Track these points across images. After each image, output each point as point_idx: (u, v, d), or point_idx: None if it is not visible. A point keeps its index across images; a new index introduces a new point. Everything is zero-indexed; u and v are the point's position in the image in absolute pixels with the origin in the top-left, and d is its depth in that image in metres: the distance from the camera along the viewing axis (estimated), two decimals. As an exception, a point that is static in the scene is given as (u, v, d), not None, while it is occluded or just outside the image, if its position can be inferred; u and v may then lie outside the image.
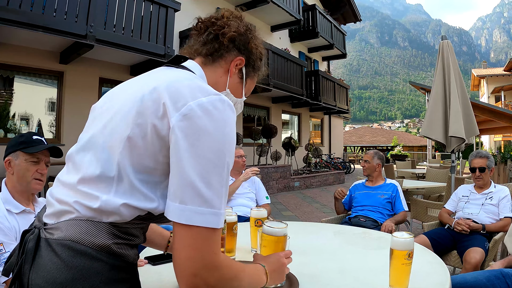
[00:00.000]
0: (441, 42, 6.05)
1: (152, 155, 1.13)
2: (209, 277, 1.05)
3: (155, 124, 1.11)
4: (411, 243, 1.58)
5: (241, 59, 1.44)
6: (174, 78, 1.19)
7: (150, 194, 1.17)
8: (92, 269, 1.09)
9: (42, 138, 2.36)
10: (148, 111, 1.12)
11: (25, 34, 7.87)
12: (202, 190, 1.04)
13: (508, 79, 44.89)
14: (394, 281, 1.59)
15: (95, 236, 1.12)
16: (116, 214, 1.14)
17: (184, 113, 1.07)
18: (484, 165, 4.18)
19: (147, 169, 1.15)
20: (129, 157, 1.13)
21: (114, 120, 1.20)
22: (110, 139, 1.17)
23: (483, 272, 2.40)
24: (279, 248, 1.65)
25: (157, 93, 1.14)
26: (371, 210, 4.43)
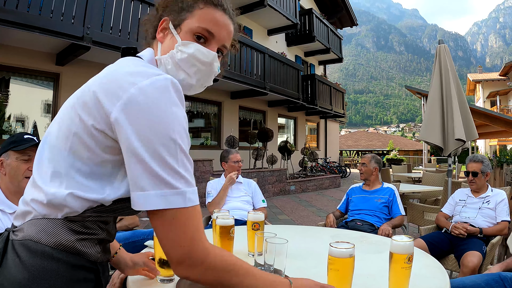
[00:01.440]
0: (438, 46, 6.06)
1: (95, 148, 1.11)
2: (196, 265, 1.05)
3: (93, 119, 1.09)
4: (411, 246, 1.57)
5: (164, 20, 1.33)
6: (112, 69, 1.17)
7: (96, 185, 1.14)
8: (50, 269, 1.08)
9: (34, 137, 2.31)
10: (85, 106, 1.11)
11: (22, 35, 7.84)
12: (157, 173, 1.02)
13: (503, 84, 45.11)
14: (394, 285, 1.57)
15: (52, 234, 1.11)
16: (65, 206, 1.11)
17: (125, 101, 1.04)
18: (477, 169, 4.18)
19: (91, 163, 1.12)
20: (74, 152, 1.12)
21: (62, 116, 1.20)
22: (58, 136, 1.17)
23: (482, 276, 2.39)
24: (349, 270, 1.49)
25: (93, 87, 1.12)
26: (368, 214, 4.41)
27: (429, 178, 9.07)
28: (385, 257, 1.65)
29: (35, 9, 7.59)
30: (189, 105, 14.44)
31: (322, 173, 20.03)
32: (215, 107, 15.74)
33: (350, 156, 48.94)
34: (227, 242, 2.03)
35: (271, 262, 1.66)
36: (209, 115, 15.65)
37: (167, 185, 1.02)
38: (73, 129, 1.11)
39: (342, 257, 1.45)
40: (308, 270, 1.95)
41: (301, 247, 2.45)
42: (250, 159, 15.33)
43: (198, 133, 15.63)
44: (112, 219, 1.27)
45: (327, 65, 27.01)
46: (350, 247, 1.47)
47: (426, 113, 5.85)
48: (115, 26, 9.21)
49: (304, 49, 22.84)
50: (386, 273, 1.64)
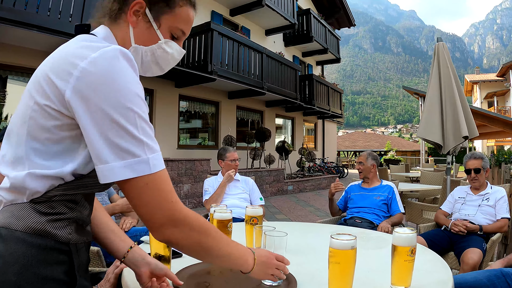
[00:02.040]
0: (436, 44, 6.03)
1: (52, 128, 1.10)
2: (177, 228, 1.11)
3: (48, 100, 1.08)
4: (413, 238, 1.53)
5: (139, 2, 1.26)
6: (62, 47, 1.16)
7: (57, 163, 1.13)
8: (21, 253, 1.06)
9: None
10: (40, 88, 1.10)
11: (19, 33, 7.79)
12: (118, 144, 1.03)
13: (500, 85, 45.24)
14: (397, 278, 1.54)
15: (20, 218, 1.10)
16: (26, 188, 1.10)
17: (77, 76, 1.03)
18: (479, 166, 4.16)
19: (50, 142, 1.11)
20: (32, 136, 1.11)
21: (20, 102, 1.20)
22: (17, 120, 1.16)
23: (483, 272, 2.36)
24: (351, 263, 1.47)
25: (45, 68, 1.12)
26: (367, 212, 4.38)
27: (427, 177, 9.05)
28: (386, 253, 1.63)
29: (32, 7, 7.56)
30: (186, 105, 14.41)
31: (319, 173, 20.00)
32: (213, 107, 15.70)
33: (348, 157, 48.95)
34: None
35: None
36: (206, 115, 15.61)
37: (130, 155, 1.04)
38: (29, 113, 1.11)
39: (344, 249, 1.42)
40: (308, 265, 1.92)
41: (301, 242, 2.42)
42: (247, 159, 15.29)
43: (196, 133, 15.58)
44: (82, 197, 1.24)
45: (324, 65, 26.97)
46: (352, 238, 1.44)
47: (424, 111, 5.82)
48: (112, 25, 9.16)
49: (302, 49, 22.82)
50: (387, 268, 1.61)
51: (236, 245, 1.33)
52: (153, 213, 1.08)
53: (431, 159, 31.54)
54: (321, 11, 25.28)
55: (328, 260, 1.46)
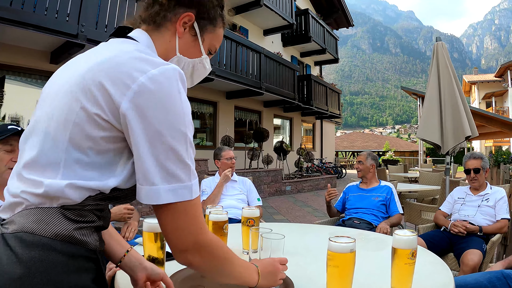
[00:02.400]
0: (435, 43, 6.00)
1: (97, 138, 1.06)
2: (200, 253, 1.11)
3: (99, 109, 1.04)
4: (414, 241, 1.49)
5: (189, 15, 1.27)
6: (114, 53, 1.10)
7: (96, 174, 1.09)
8: (49, 260, 1.01)
9: (18, 127, 2.19)
10: (90, 95, 1.04)
11: (16, 32, 7.74)
12: (168, 168, 1.03)
13: (499, 85, 45.32)
14: (397, 282, 1.50)
15: (48, 224, 1.03)
16: (62, 197, 1.05)
17: (135, 91, 1.01)
18: (478, 166, 4.13)
19: (92, 152, 1.07)
20: (73, 142, 1.06)
21: (56, 103, 1.11)
22: (52, 123, 1.09)
23: (484, 274, 2.33)
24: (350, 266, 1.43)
25: (96, 74, 1.06)
26: (365, 212, 4.35)
27: (426, 178, 9.02)
28: (385, 255, 1.59)
29: (29, 6, 7.50)
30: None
31: (317, 173, 19.98)
32: (211, 107, 15.66)
33: (346, 157, 48.95)
34: (220, 238, 1.96)
35: (265, 257, 1.60)
36: (204, 115, 15.57)
37: (177, 179, 1.04)
38: (73, 118, 1.05)
39: (343, 252, 1.37)
40: (306, 267, 1.88)
41: (299, 244, 2.38)
42: (245, 159, 15.25)
43: (194, 133, 15.51)
44: (108, 205, 1.22)
45: (323, 65, 27.00)
46: (350, 241, 1.39)
47: (423, 111, 5.78)
48: (110, 24, 9.13)
49: (300, 49, 22.81)
50: (387, 270, 1.57)
51: (245, 263, 1.34)
52: (182, 238, 1.08)
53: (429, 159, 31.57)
54: (320, 11, 25.27)
55: (327, 263, 1.42)
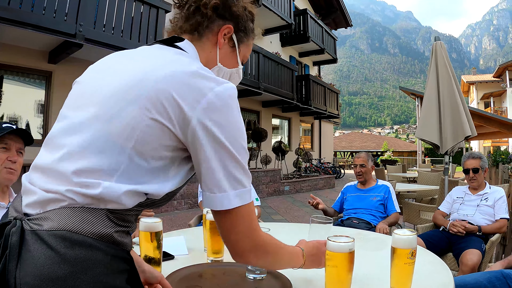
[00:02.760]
0: (434, 43, 5.99)
1: (160, 147, 1.10)
2: (257, 253, 1.20)
3: (168, 120, 1.08)
4: (414, 240, 1.47)
5: (229, 27, 1.35)
6: (178, 65, 1.13)
7: (153, 180, 1.12)
8: (93, 260, 0.99)
9: (14, 125, 2.16)
10: (159, 106, 1.07)
11: (14, 32, 7.74)
12: (235, 176, 1.11)
13: (497, 85, 45.37)
14: (396, 282, 1.48)
15: (93, 225, 1.02)
16: (115, 201, 1.06)
17: (204, 106, 1.07)
18: (477, 165, 4.12)
19: (152, 159, 1.10)
20: (136, 150, 1.08)
21: (112, 107, 1.10)
22: (112, 128, 1.08)
23: (483, 274, 2.31)
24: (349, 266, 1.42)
25: (164, 86, 1.08)
26: (364, 212, 4.33)
27: (424, 178, 9.01)
28: (384, 254, 1.58)
29: (27, 6, 7.50)
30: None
31: (316, 173, 19.97)
32: (209, 107, 15.61)
33: (344, 157, 48.94)
34: (217, 238, 1.93)
35: None
36: (202, 115, 15.52)
37: (241, 185, 1.13)
38: (140, 127, 1.07)
39: (341, 252, 1.36)
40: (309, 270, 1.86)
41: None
42: (244, 159, 15.20)
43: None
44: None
45: (321, 65, 27.00)
46: (349, 241, 1.38)
47: (422, 111, 5.76)
48: (108, 24, 9.13)
49: (299, 49, 22.79)
50: (386, 270, 1.55)
51: (292, 249, 1.43)
52: (242, 240, 1.16)
53: (427, 159, 31.57)
54: (318, 11, 25.26)
55: (325, 263, 1.40)
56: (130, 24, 9.65)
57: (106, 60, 1.27)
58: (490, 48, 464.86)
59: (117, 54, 1.27)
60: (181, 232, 2.54)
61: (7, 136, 2.10)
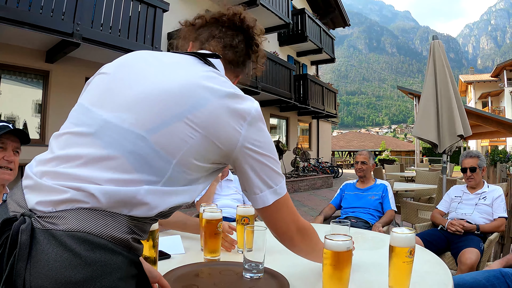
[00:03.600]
0: (432, 41, 5.98)
1: (204, 160, 1.15)
2: (302, 234, 1.38)
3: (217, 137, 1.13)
4: (412, 239, 1.45)
5: (240, 78, 1.55)
6: (220, 85, 1.19)
7: (186, 191, 1.16)
8: (113, 264, 0.97)
9: (10, 124, 2.15)
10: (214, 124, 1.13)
11: (11, 31, 7.71)
12: (272, 179, 1.26)
13: (495, 85, 45.43)
14: (394, 281, 1.46)
15: (114, 229, 1.00)
16: (146, 208, 1.06)
17: (249, 122, 1.18)
18: (475, 164, 4.11)
19: (192, 172, 1.15)
20: (182, 163, 1.11)
21: (156, 115, 1.10)
22: (156, 137, 1.08)
23: (482, 272, 2.30)
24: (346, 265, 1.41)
25: (216, 103, 1.14)
26: (362, 212, 4.33)
27: (422, 177, 9.00)
28: (383, 253, 1.56)
29: (25, 5, 7.47)
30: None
31: (314, 173, 19.96)
32: (207, 106, 15.59)
33: (342, 157, 48.93)
34: (214, 237, 1.91)
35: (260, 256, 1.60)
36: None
37: (275, 183, 1.27)
38: (186, 144, 1.10)
39: (339, 250, 1.33)
40: (301, 266, 1.84)
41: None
42: (242, 159, 15.18)
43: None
44: None
45: (319, 65, 26.94)
46: (347, 239, 1.36)
47: (420, 109, 5.75)
48: (105, 23, 9.10)
49: (297, 49, 22.76)
50: (384, 269, 1.53)
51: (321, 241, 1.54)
52: (288, 226, 1.33)
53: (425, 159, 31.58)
54: (316, 11, 25.23)
55: (323, 262, 1.37)
56: (128, 23, 9.62)
57: (136, 59, 1.27)
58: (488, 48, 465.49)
59: (148, 54, 1.28)
60: (178, 232, 2.52)
61: (4, 135, 2.08)
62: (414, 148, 27.75)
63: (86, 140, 1.10)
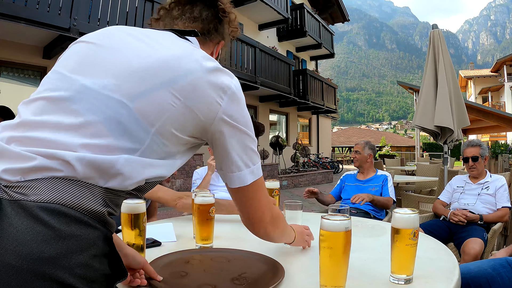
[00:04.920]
0: (431, 31, 5.90)
1: (183, 131, 1.11)
2: (274, 223, 1.36)
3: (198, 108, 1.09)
4: (416, 219, 1.35)
5: (223, 43, 1.50)
6: (206, 55, 1.18)
7: (165, 163, 1.13)
8: (89, 239, 0.90)
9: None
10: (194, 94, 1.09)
11: (7, 26, 7.65)
12: (249, 156, 1.22)
13: (495, 80, 45.41)
14: (397, 266, 1.36)
15: (90, 201, 0.93)
16: (124, 179, 1.01)
17: (230, 95, 1.14)
18: (477, 153, 4.03)
19: (172, 142, 1.11)
20: (160, 132, 1.06)
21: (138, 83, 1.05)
22: (138, 104, 1.03)
23: (488, 261, 2.22)
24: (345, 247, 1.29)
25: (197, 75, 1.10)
26: (362, 203, 4.25)
27: (423, 169, 8.93)
28: (384, 241, 1.47)
29: (21, 0, 7.40)
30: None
31: (314, 168, 19.90)
32: (206, 102, 15.56)
33: (343, 153, 48.89)
34: (206, 222, 1.83)
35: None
36: (199, 110, 15.47)
37: (253, 162, 1.23)
38: (168, 109, 1.06)
39: (337, 230, 1.23)
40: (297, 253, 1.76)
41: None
42: (241, 154, 15.14)
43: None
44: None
45: (318, 60, 26.95)
46: (345, 219, 1.26)
47: (421, 99, 5.65)
48: (102, 18, 9.07)
49: (296, 44, 22.72)
50: (386, 256, 1.44)
51: (289, 226, 1.62)
52: (263, 213, 1.29)
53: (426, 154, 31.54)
54: (315, 6, 25.18)
55: (319, 245, 1.27)
56: (125, 18, 9.59)
57: (121, 31, 1.22)
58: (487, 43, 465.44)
59: (132, 29, 1.23)
60: (171, 220, 2.44)
61: None
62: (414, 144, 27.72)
63: (62, 105, 1.02)
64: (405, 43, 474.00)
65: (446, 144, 5.59)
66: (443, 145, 5.65)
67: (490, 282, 2.03)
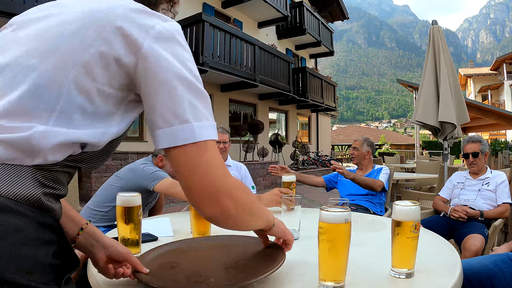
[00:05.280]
0: (431, 27, 5.87)
1: (105, 82, 0.96)
2: (229, 198, 1.00)
3: (117, 50, 0.95)
4: (417, 212, 1.31)
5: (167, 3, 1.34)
6: (123, 1, 1.03)
7: (94, 125, 0.98)
8: (11, 226, 0.81)
9: None
10: (108, 36, 0.95)
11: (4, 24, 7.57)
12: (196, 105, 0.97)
13: (494, 78, 45.39)
14: (398, 260, 1.33)
15: (16, 184, 0.85)
16: (47, 152, 0.89)
17: (154, 35, 0.97)
18: (477, 149, 3.99)
19: (97, 98, 0.96)
20: (78, 85, 0.93)
21: (47, 40, 0.96)
22: (47, 61, 0.94)
23: (489, 257, 2.19)
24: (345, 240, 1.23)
25: (111, 17, 0.97)
26: (361, 199, 4.21)
27: (423, 166, 8.91)
28: (384, 236, 1.44)
29: (19, -3, 7.40)
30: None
31: (313, 166, 19.86)
32: (205, 99, 15.50)
33: (342, 151, 48.87)
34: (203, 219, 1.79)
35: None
36: (199, 108, 15.41)
37: (205, 117, 0.98)
38: (80, 58, 0.93)
39: (336, 222, 1.19)
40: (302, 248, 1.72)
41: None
42: (240, 152, 15.11)
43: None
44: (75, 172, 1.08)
45: (318, 58, 26.83)
46: (345, 210, 1.23)
47: (421, 95, 5.61)
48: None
49: (295, 42, 22.66)
50: (386, 250, 1.41)
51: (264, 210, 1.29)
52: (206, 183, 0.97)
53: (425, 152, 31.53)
54: (314, 3, 25.10)
55: (318, 238, 1.23)
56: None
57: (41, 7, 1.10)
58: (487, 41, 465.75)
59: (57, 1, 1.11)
60: (169, 215, 2.41)
61: None
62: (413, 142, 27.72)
63: None
64: (404, 42, 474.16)
65: (446, 140, 5.56)
66: (443, 141, 5.62)
67: (491, 277, 2.00)
